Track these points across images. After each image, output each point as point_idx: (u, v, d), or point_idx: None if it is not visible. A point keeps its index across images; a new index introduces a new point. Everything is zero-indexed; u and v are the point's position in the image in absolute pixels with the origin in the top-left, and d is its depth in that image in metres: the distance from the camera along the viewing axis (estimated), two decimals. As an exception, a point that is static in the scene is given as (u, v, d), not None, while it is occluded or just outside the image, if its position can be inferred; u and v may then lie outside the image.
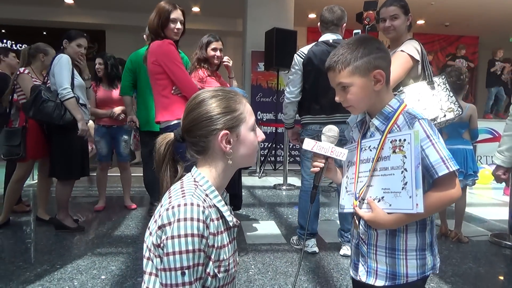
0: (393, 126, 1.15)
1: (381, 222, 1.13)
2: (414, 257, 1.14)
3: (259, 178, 5.97)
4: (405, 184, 1.07)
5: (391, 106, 1.18)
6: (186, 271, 0.90)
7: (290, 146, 6.45)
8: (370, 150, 1.18)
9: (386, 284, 1.16)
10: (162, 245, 0.92)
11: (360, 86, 1.14)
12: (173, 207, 0.93)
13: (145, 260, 0.98)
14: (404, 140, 1.08)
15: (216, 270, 0.97)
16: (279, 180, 5.67)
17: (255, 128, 1.09)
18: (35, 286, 2.31)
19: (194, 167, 1.06)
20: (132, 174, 4.26)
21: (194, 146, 1.05)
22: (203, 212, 0.93)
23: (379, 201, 1.13)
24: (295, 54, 2.88)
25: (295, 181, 5.45)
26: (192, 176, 1.04)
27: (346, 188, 1.26)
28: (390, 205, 1.11)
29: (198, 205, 0.93)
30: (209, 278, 0.96)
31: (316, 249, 2.92)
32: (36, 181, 4.10)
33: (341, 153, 1.20)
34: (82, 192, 4.91)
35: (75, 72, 3.23)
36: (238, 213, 4.01)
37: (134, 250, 2.89)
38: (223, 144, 1.01)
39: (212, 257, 0.97)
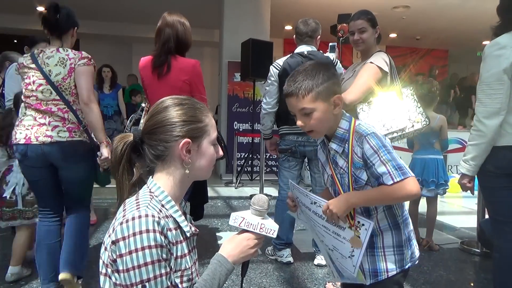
0: (353, 148, 1.22)
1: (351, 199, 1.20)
2: (392, 252, 1.25)
3: (235, 188, 5.94)
4: (352, 256, 1.20)
5: (342, 128, 1.25)
6: (147, 283, 0.87)
7: (267, 156, 6.45)
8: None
9: (370, 283, 1.25)
10: (118, 260, 0.89)
11: (322, 111, 1.20)
12: (127, 221, 0.90)
13: (101, 277, 0.95)
14: (363, 225, 1.18)
15: (178, 280, 0.94)
16: (255, 190, 5.65)
17: (216, 144, 1.08)
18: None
19: (150, 177, 1.04)
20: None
21: (152, 149, 1.01)
22: (159, 223, 0.91)
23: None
24: (271, 66, 2.92)
25: (271, 191, 5.43)
26: (148, 187, 1.01)
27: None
28: (337, 258, 1.29)
29: (153, 216, 0.91)
30: None
31: (291, 259, 2.90)
32: None
33: (271, 230, 1.06)
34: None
35: None
36: (214, 225, 3.97)
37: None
38: (183, 152, 0.99)
39: (173, 267, 0.94)
